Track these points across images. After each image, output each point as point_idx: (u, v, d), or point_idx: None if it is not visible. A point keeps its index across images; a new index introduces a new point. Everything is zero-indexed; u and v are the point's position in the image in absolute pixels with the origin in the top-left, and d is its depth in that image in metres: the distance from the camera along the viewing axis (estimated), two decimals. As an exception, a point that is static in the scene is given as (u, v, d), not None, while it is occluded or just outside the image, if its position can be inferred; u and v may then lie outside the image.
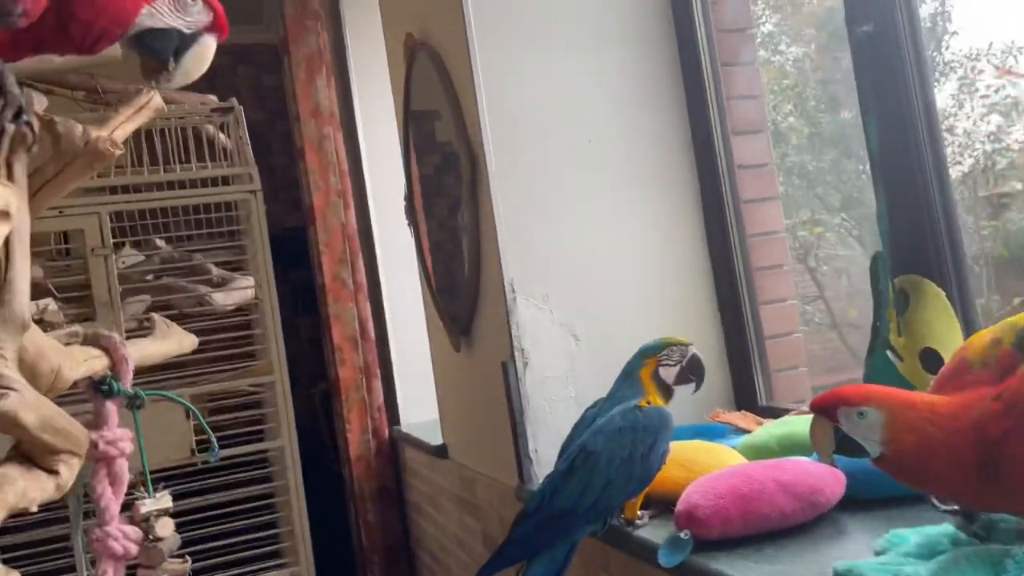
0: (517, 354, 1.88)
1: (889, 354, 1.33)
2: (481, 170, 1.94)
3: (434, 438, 2.77)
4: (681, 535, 1.23)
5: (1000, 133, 1.97)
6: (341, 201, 3.23)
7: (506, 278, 1.89)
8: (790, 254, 2.12)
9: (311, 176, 3.19)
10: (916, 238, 1.37)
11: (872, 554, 1.06)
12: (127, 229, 2.60)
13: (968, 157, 2.00)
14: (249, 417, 2.73)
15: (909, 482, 0.97)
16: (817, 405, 0.96)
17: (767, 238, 1.99)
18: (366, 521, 3.35)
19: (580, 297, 1.91)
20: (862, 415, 0.91)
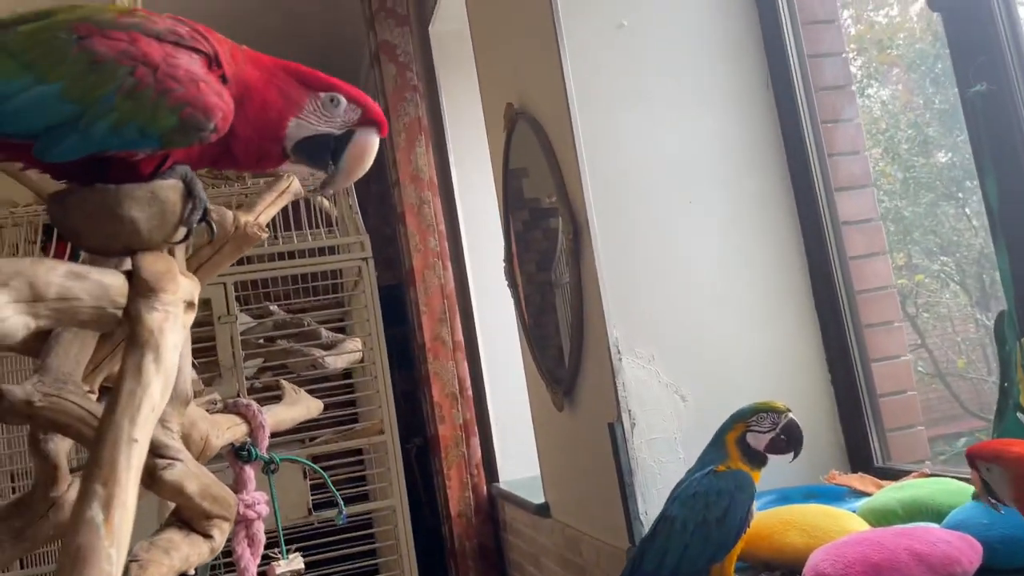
0: (624, 415, 1.89)
1: (1021, 416, 1.29)
2: (584, 232, 1.98)
3: (535, 496, 2.77)
4: (810, 604, 1.21)
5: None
6: (439, 262, 3.33)
7: (611, 339, 1.91)
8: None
9: (411, 239, 3.31)
10: (1042, 296, 1.34)
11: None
12: (241, 296, 2.75)
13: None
14: (353, 475, 2.80)
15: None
16: (967, 454, 1.06)
17: (876, 294, 1.96)
18: (467, 579, 3.36)
19: (686, 357, 1.92)
20: (990, 470, 1.03)
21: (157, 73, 0.78)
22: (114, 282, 0.75)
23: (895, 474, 1.74)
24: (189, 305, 0.79)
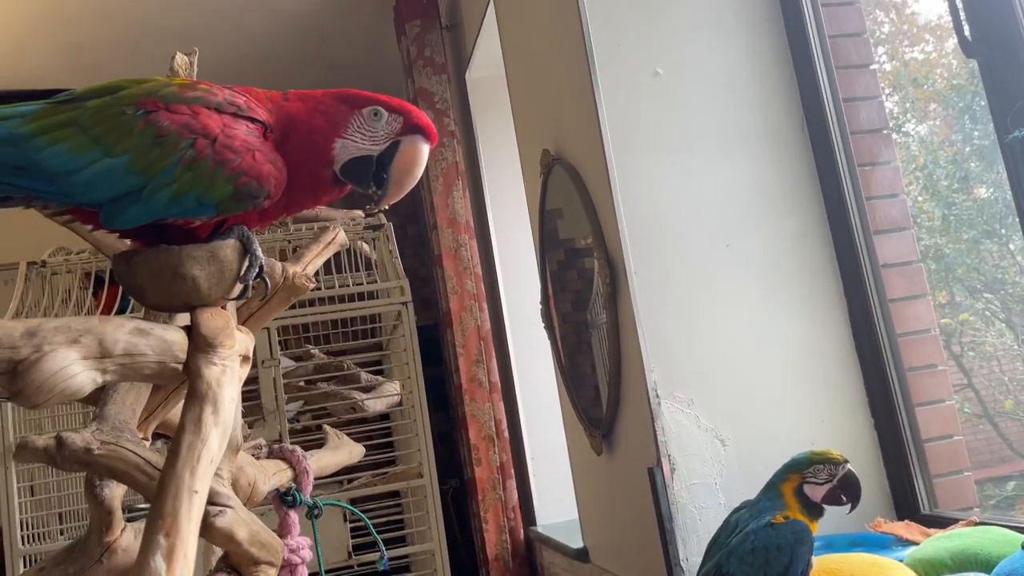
0: (664, 460, 1.88)
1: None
2: (620, 276, 2.00)
3: (572, 540, 2.75)
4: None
5: None
6: (476, 304, 3.36)
7: (649, 383, 1.91)
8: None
9: (448, 281, 3.35)
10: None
11: None
12: (283, 340, 2.80)
13: None
14: (391, 517, 2.80)
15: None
16: None
17: (919, 337, 1.94)
18: (505, 623, 3.32)
19: (726, 401, 1.91)
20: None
21: (215, 144, 0.82)
22: (176, 338, 0.78)
23: (943, 522, 1.70)
24: (244, 359, 0.82)
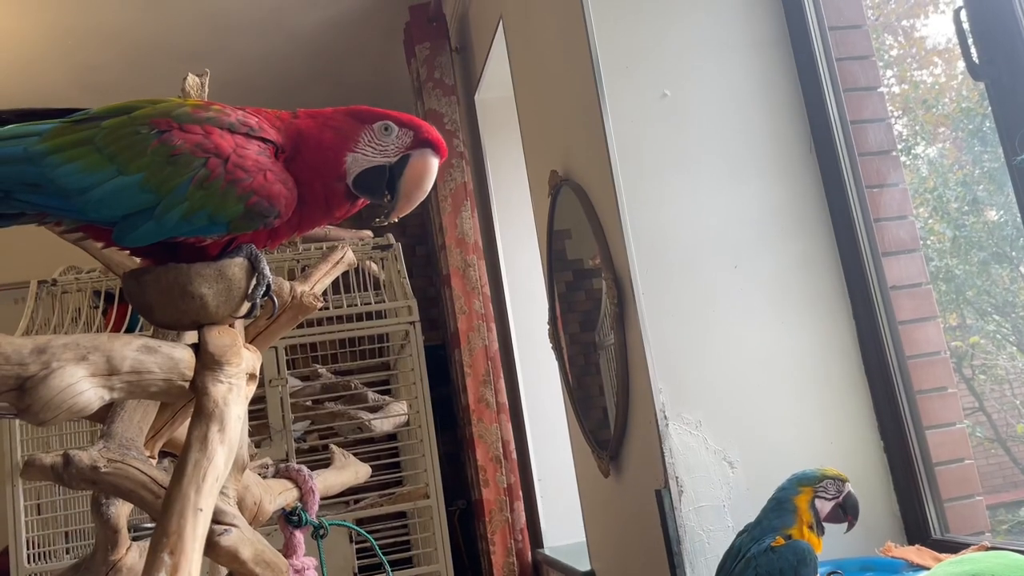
0: (671, 482, 1.87)
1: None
2: (628, 298, 1.99)
3: (579, 563, 2.73)
4: None
5: None
6: (484, 324, 3.35)
7: (657, 405, 1.90)
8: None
9: (456, 301, 3.35)
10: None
11: None
12: (290, 359, 2.80)
13: None
14: (397, 538, 2.79)
15: None
16: None
17: (928, 359, 1.93)
18: (512, 647, 3.29)
19: (734, 423, 1.90)
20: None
21: (227, 164, 0.83)
22: (183, 356, 0.78)
23: (954, 546, 1.68)
24: (251, 377, 0.82)
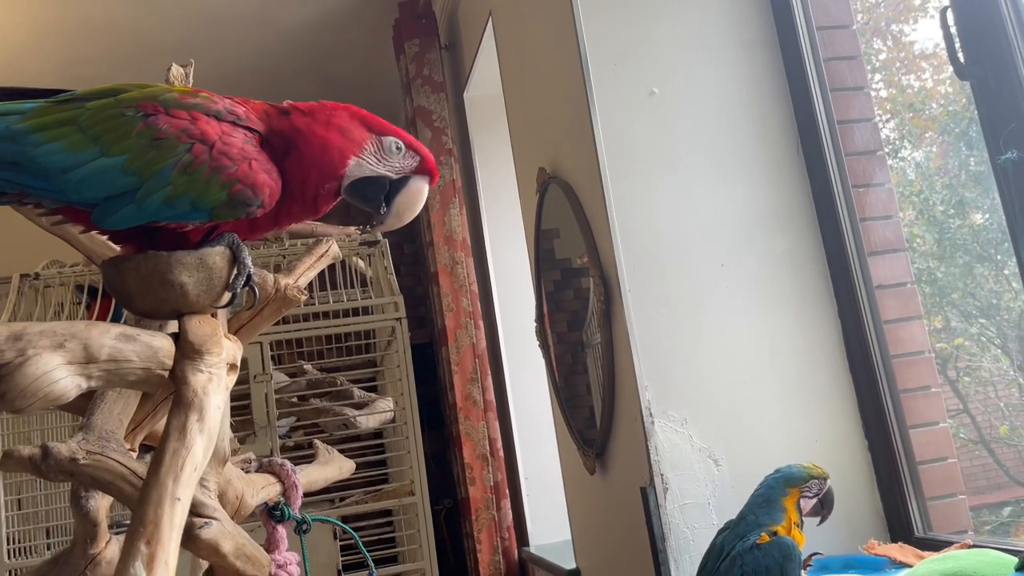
0: (657, 479, 1.87)
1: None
2: (615, 294, 1.99)
3: (565, 561, 2.73)
4: None
5: None
6: (471, 322, 3.35)
7: (643, 401, 1.91)
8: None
9: (444, 299, 3.34)
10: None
11: None
12: (276, 355, 2.79)
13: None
14: (382, 536, 2.78)
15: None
16: None
17: (913, 358, 1.94)
18: (497, 646, 3.28)
19: (719, 421, 1.90)
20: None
21: (212, 151, 0.82)
22: (162, 344, 0.78)
23: (936, 544, 1.69)
24: (232, 367, 0.82)
